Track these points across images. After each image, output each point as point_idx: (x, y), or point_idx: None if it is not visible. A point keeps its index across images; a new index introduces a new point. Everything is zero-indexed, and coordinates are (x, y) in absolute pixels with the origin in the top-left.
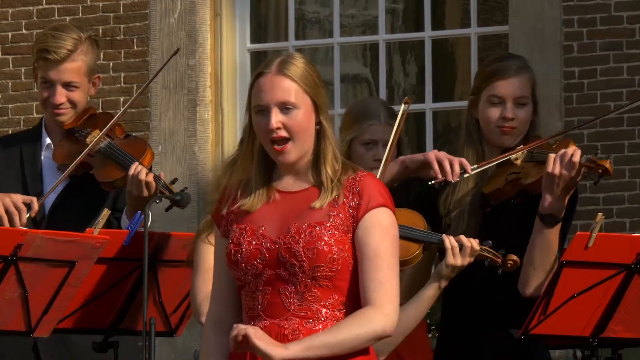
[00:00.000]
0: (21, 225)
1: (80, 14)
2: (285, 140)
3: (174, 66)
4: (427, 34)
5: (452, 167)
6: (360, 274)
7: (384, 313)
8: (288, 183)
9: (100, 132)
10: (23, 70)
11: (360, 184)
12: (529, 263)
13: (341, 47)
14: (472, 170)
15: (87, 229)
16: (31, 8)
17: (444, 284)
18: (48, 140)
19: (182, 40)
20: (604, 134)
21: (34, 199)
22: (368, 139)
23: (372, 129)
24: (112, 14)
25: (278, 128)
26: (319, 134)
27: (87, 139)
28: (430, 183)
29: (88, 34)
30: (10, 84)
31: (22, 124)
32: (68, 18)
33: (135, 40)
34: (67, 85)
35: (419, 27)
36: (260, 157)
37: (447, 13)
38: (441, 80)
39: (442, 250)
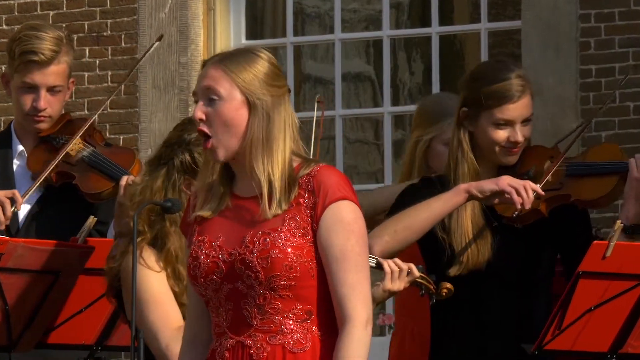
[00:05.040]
0: (6, 220)
1: (65, 9)
2: (207, 137)
3: (164, 64)
4: (434, 29)
5: (527, 193)
6: (329, 277)
7: (362, 322)
8: (244, 188)
9: (80, 139)
10: (4, 69)
11: (315, 180)
12: None
13: (343, 43)
14: (541, 189)
15: (72, 238)
16: (12, 2)
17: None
18: (20, 147)
19: (173, 37)
20: (623, 136)
21: (16, 192)
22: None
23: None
24: (98, 9)
25: (200, 119)
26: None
27: (68, 148)
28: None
29: (65, 33)
30: None
31: (2, 125)
32: (51, 12)
33: (123, 37)
34: (51, 90)
35: (426, 23)
36: (217, 163)
37: (456, 7)
38: (449, 79)
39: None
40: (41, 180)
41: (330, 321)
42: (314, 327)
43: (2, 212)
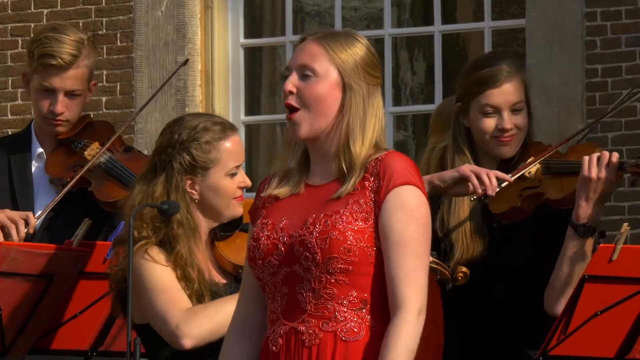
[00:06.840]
0: (19, 240)
1: (59, 7)
2: (293, 110)
3: (160, 63)
4: (437, 28)
5: (489, 179)
6: (386, 262)
7: (415, 310)
8: (317, 176)
9: (100, 144)
10: None
11: (382, 164)
12: (559, 279)
13: None
14: (512, 177)
15: (66, 241)
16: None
17: None
18: (40, 150)
19: (170, 35)
20: (629, 137)
21: (30, 214)
22: None
23: None
24: (93, 7)
25: (290, 92)
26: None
27: (86, 152)
28: (472, 199)
29: (87, 35)
30: None
31: None
32: (45, 11)
33: (118, 35)
34: (69, 94)
35: (428, 21)
36: (300, 146)
37: (459, 5)
38: (452, 78)
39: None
40: (64, 193)
41: (384, 312)
42: (368, 316)
43: (15, 233)
